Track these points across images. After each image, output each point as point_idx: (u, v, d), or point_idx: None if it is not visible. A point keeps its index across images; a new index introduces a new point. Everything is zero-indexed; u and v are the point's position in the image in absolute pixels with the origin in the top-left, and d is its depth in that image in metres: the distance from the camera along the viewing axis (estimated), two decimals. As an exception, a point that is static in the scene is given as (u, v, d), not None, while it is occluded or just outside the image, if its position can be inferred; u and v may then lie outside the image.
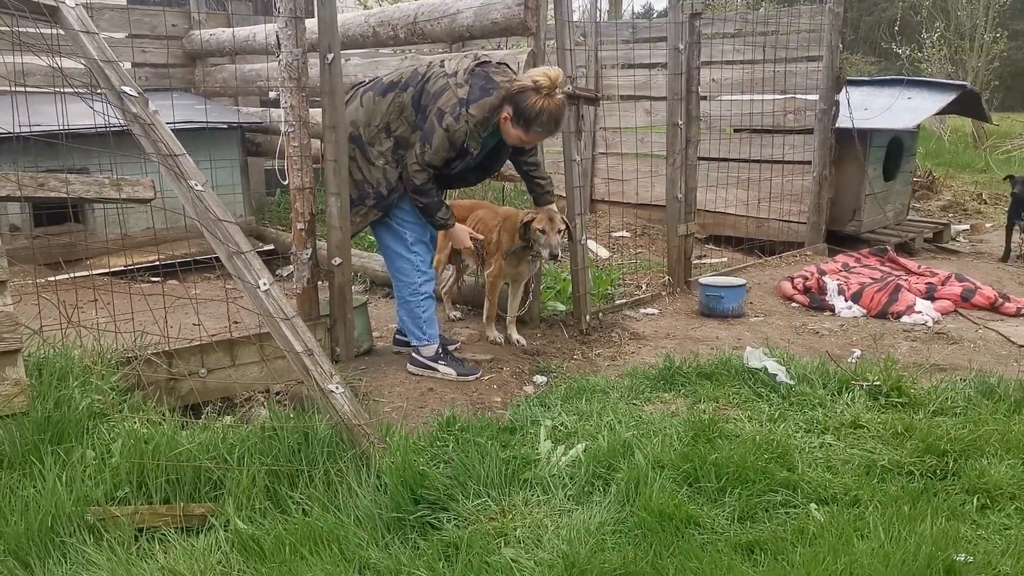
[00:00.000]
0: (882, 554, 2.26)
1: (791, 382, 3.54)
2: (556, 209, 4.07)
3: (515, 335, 4.38)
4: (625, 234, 7.43)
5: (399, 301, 3.97)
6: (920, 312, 4.80)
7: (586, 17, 7.94)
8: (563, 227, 4.01)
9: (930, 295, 5.09)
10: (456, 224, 3.88)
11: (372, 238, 4.32)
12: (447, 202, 3.92)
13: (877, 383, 3.46)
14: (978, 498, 2.63)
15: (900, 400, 3.36)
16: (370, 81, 3.86)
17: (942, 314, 4.87)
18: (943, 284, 5.25)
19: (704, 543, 2.41)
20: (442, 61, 3.74)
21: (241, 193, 6.30)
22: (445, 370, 3.86)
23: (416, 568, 2.28)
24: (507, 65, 3.73)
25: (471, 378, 3.85)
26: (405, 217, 3.81)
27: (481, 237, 4.11)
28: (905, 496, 2.61)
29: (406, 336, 4.18)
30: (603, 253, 6.67)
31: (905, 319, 4.78)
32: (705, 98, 6.07)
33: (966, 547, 2.34)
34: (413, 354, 3.93)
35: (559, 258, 4.06)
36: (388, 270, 4.03)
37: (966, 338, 4.45)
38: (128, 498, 2.52)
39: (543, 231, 3.99)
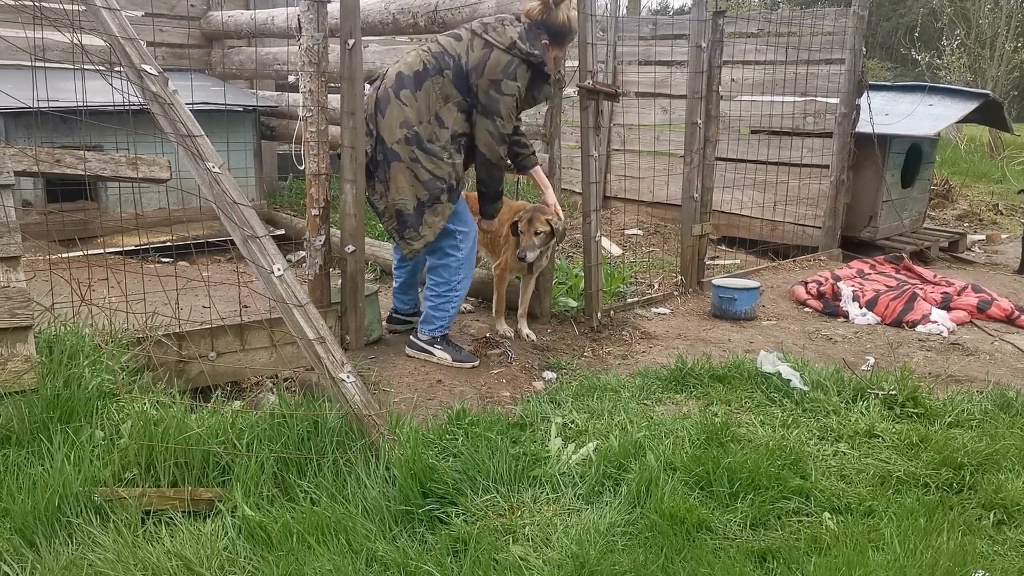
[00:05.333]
0: (898, 567, 2.22)
1: (805, 388, 3.50)
2: (544, 204, 4.05)
3: (525, 329, 4.35)
4: (638, 232, 7.39)
5: (434, 285, 3.88)
6: (935, 322, 4.75)
7: (606, 12, 7.87)
8: (544, 228, 3.95)
9: (946, 305, 5.03)
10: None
11: (382, 226, 4.28)
12: (465, 193, 3.95)
13: (892, 392, 3.42)
14: (995, 513, 2.60)
15: (916, 411, 3.32)
16: (393, 78, 3.68)
17: (957, 325, 4.82)
18: (959, 294, 5.20)
19: (716, 549, 2.38)
20: (452, 34, 3.71)
21: (254, 177, 6.27)
22: (441, 355, 3.86)
23: (424, 562, 2.26)
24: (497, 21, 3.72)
25: (467, 365, 3.84)
26: (459, 210, 3.82)
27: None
28: (921, 509, 2.57)
29: (399, 314, 4.25)
30: (615, 251, 6.63)
31: (920, 328, 4.73)
32: (723, 98, 6.01)
33: (983, 563, 2.31)
34: (412, 337, 3.94)
35: (525, 260, 4.01)
36: (430, 259, 3.92)
37: (982, 350, 4.40)
38: (136, 480, 2.50)
39: (522, 231, 3.98)
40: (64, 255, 3.90)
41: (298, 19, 3.60)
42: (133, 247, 5.09)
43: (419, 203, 3.68)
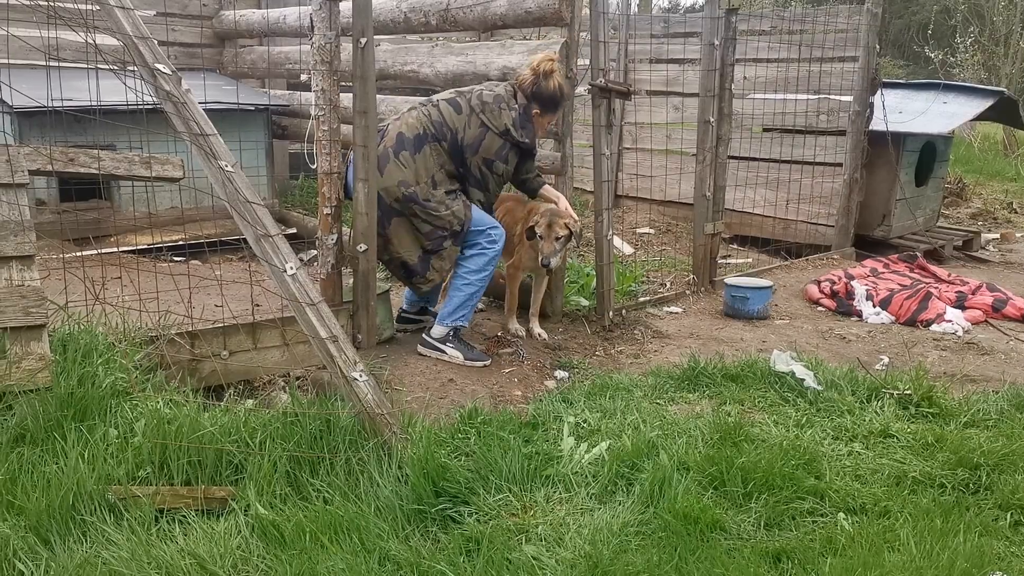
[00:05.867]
0: (914, 568, 2.20)
1: (819, 387, 3.48)
2: (558, 207, 4.05)
3: (536, 328, 4.34)
4: (649, 231, 7.36)
5: (466, 273, 3.91)
6: (950, 321, 4.71)
7: (617, 10, 7.83)
8: (563, 232, 3.96)
9: (960, 304, 4.99)
10: None
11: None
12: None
13: (907, 392, 3.39)
14: (1012, 514, 2.57)
15: (931, 410, 3.29)
16: (394, 138, 3.77)
17: (972, 324, 4.78)
18: (974, 293, 5.15)
19: (730, 549, 2.36)
20: (452, 102, 3.84)
21: (266, 176, 6.29)
22: (452, 353, 3.88)
23: (437, 562, 2.26)
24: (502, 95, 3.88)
25: (479, 364, 3.85)
26: (480, 216, 3.90)
27: None
28: (937, 509, 2.55)
29: (408, 313, 4.33)
30: (627, 249, 6.61)
31: (935, 327, 4.69)
32: (735, 96, 5.97)
33: (1000, 564, 2.29)
34: (424, 335, 3.96)
35: (548, 267, 4.03)
36: (466, 251, 3.92)
37: (997, 349, 4.36)
38: (149, 478, 2.50)
39: (541, 237, 3.97)
40: (78, 254, 3.92)
41: (310, 18, 3.60)
42: (146, 246, 5.12)
43: (424, 252, 3.84)
